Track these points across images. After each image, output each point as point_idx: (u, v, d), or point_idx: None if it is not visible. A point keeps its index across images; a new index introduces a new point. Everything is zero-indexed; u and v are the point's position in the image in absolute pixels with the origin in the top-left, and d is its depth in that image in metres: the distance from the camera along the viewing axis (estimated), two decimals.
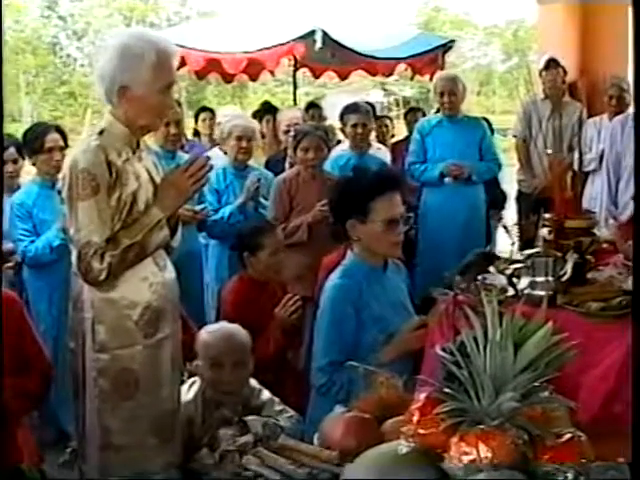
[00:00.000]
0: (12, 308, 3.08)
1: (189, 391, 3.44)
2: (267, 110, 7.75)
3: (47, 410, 4.90)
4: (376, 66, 8.96)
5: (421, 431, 1.78)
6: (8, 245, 5.02)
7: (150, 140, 4.82)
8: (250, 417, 3.18)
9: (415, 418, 1.80)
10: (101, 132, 3.03)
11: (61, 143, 4.86)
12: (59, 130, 4.95)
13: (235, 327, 3.53)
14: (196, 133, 8.22)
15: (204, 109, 8.58)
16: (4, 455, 2.88)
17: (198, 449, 3.13)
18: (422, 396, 1.84)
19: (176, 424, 3.17)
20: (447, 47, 9.10)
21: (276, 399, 3.49)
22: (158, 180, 3.16)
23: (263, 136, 7.02)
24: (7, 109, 39.90)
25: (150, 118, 3.08)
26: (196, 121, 8.22)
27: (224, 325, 3.59)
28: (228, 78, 9.71)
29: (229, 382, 3.41)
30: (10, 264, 4.97)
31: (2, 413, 2.84)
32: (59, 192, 3.08)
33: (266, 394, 3.51)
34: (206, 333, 3.54)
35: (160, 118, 3.18)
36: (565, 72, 7.27)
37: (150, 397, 3.07)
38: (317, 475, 2.08)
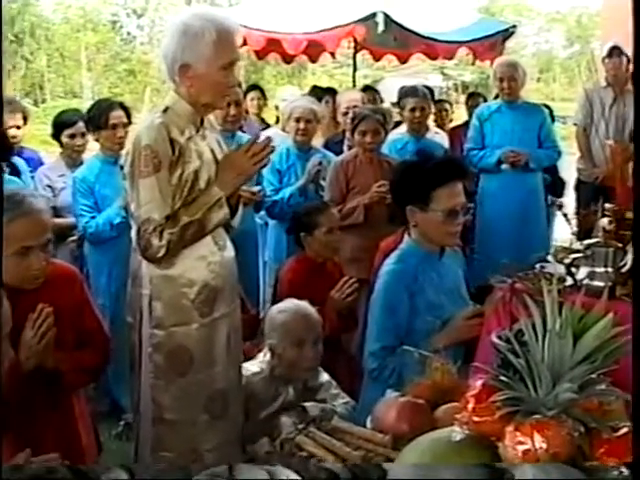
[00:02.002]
0: (72, 282, 3.09)
1: (255, 368, 3.46)
2: (325, 91, 7.72)
3: (102, 382, 4.99)
4: (437, 49, 8.86)
5: (475, 419, 1.76)
6: (70, 219, 5.11)
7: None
8: (309, 403, 3.19)
9: (470, 405, 1.79)
10: (165, 110, 3.06)
11: (125, 120, 4.91)
12: (123, 107, 5.00)
13: (305, 304, 3.54)
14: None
15: (254, 88, 8.57)
16: (60, 428, 2.92)
17: (257, 426, 3.15)
18: (478, 383, 1.83)
19: (230, 403, 3.19)
20: (508, 32, 8.98)
21: (333, 382, 3.51)
22: (220, 158, 3.18)
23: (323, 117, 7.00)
24: (68, 85, 40.45)
25: (213, 96, 3.09)
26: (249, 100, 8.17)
27: (296, 303, 3.58)
28: (288, 59, 9.68)
29: (310, 359, 3.43)
30: (73, 238, 5.09)
31: (59, 384, 2.89)
32: (121, 168, 3.12)
33: (325, 376, 3.53)
34: (280, 313, 3.51)
35: (223, 96, 3.18)
36: (629, 60, 7.13)
37: (203, 375, 3.11)
38: (371, 458, 2.08)
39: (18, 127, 5.47)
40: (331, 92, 7.59)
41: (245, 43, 8.20)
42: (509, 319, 2.63)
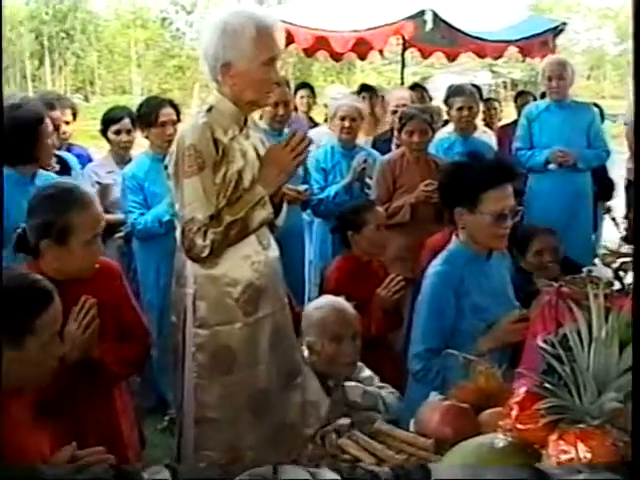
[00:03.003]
0: (113, 276, 3.14)
1: None
2: (367, 89, 7.73)
3: (148, 377, 5.04)
4: (485, 48, 8.80)
5: (519, 426, 1.76)
6: (119, 216, 5.16)
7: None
8: (350, 383, 3.20)
9: (514, 412, 1.78)
10: (209, 109, 3.06)
11: (174, 117, 4.93)
12: (172, 104, 5.02)
13: (341, 300, 3.54)
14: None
15: (303, 85, 8.58)
16: (103, 422, 2.96)
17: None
18: (522, 390, 1.82)
19: (272, 401, 3.18)
20: (558, 30, 8.89)
21: (376, 377, 3.50)
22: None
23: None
24: (118, 81, 40.89)
25: (256, 93, 3.08)
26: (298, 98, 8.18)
27: (330, 299, 3.57)
28: (336, 57, 9.70)
29: (349, 354, 3.42)
30: (121, 234, 5.13)
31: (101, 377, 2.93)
32: (165, 167, 3.13)
33: (367, 371, 3.52)
34: (316, 310, 3.51)
35: (266, 92, 3.15)
36: None
37: (246, 374, 3.11)
38: (412, 462, 2.08)
39: (67, 123, 5.55)
40: (372, 90, 7.59)
41: (293, 41, 8.22)
42: (555, 324, 2.60)
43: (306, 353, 3.44)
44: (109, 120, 5.44)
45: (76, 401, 2.77)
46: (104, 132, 5.46)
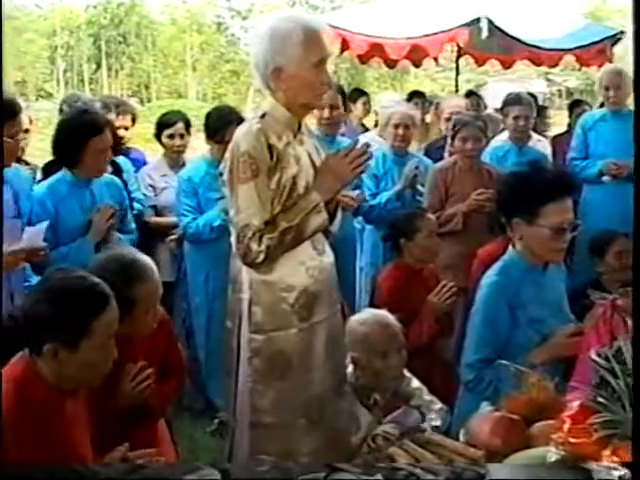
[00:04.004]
0: (164, 325, 3.27)
1: None
2: (418, 96, 7.71)
3: (198, 380, 5.08)
4: (541, 56, 8.71)
5: (572, 440, 1.74)
6: (171, 219, 5.22)
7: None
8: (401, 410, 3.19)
9: (566, 426, 1.76)
10: (263, 115, 3.08)
11: None
12: (241, 121, 4.94)
13: (384, 313, 3.52)
14: None
15: (363, 93, 8.58)
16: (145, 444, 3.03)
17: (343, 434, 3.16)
18: (575, 404, 1.80)
19: (327, 407, 3.18)
20: (616, 38, 8.77)
21: (425, 388, 3.48)
22: (319, 164, 3.17)
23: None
24: (173, 85, 41.32)
25: (308, 95, 3.09)
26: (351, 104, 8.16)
27: (374, 313, 3.56)
28: (390, 63, 9.69)
29: (395, 367, 3.41)
30: (173, 237, 5.19)
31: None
32: (220, 174, 3.16)
33: (415, 382, 3.50)
34: (361, 325, 3.48)
35: (318, 95, 3.15)
36: None
37: (302, 379, 3.11)
38: (462, 474, 2.06)
39: (126, 128, 5.61)
40: (423, 97, 7.56)
41: (348, 47, 8.24)
42: (609, 337, 2.57)
43: (350, 367, 3.44)
44: (163, 124, 5.49)
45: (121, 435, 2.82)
46: (158, 136, 5.51)
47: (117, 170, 4.86)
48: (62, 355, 2.34)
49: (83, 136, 4.14)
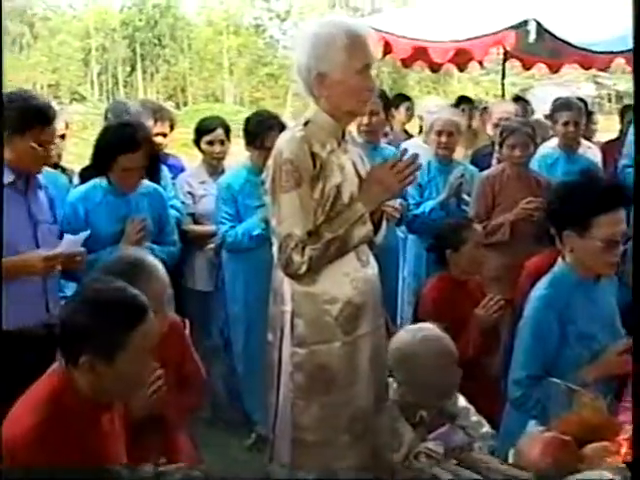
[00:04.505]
0: (177, 332, 3.32)
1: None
2: (466, 101, 7.67)
3: (234, 393, 5.10)
4: (591, 60, 8.63)
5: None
6: (210, 227, 5.24)
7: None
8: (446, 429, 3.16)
9: (623, 450, 1.75)
10: (306, 123, 3.09)
11: None
12: (282, 127, 4.85)
13: (432, 326, 3.49)
14: None
15: (402, 97, 8.57)
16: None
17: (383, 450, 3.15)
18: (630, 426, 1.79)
19: (370, 423, 3.17)
20: None
21: (472, 408, 3.45)
22: (363, 173, 3.18)
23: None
24: (210, 88, 41.52)
25: (352, 102, 3.09)
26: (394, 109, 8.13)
27: (423, 328, 3.51)
28: (434, 67, 9.65)
29: (445, 385, 3.38)
30: (211, 245, 5.22)
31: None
32: (262, 183, 3.17)
33: (462, 401, 3.46)
34: (409, 340, 3.42)
35: (363, 101, 3.16)
36: None
37: (345, 394, 3.11)
38: None
39: (165, 135, 5.65)
40: (471, 103, 7.52)
41: (391, 51, 8.22)
42: None
43: (395, 385, 3.42)
44: (202, 130, 5.50)
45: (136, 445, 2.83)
46: (197, 142, 5.52)
47: (154, 177, 4.88)
48: (98, 367, 2.36)
49: (113, 151, 4.22)
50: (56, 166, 5.05)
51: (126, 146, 4.18)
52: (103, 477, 2.33)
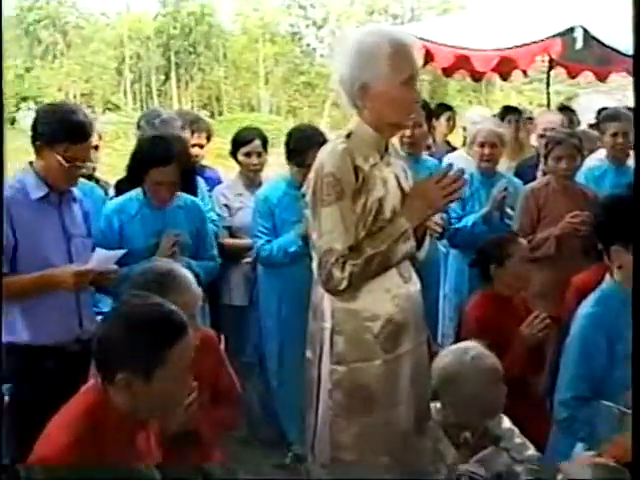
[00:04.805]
0: (210, 345, 3.34)
1: None
2: (512, 111, 7.63)
3: (270, 411, 5.11)
4: None
5: None
6: (246, 241, 5.25)
7: None
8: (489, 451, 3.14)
9: None
10: (348, 135, 3.08)
11: None
12: (324, 143, 4.91)
13: (476, 345, 3.48)
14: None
15: (447, 108, 8.55)
16: None
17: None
18: None
19: (410, 444, 3.16)
20: None
21: (516, 430, 3.43)
22: (406, 187, 3.17)
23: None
24: (245, 97, 41.74)
25: (396, 114, 3.08)
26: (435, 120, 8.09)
27: (470, 349, 3.48)
28: (476, 76, 9.61)
29: (491, 404, 3.37)
30: (247, 260, 5.24)
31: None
32: (303, 196, 3.17)
33: (506, 423, 3.45)
34: (452, 360, 3.43)
35: (407, 114, 3.16)
36: None
37: (386, 414, 3.09)
38: None
39: (201, 146, 5.67)
40: (518, 113, 7.48)
41: (433, 59, 8.20)
42: None
43: (438, 404, 3.41)
44: (239, 141, 5.50)
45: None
46: (234, 153, 5.52)
47: (191, 189, 4.89)
48: (135, 385, 2.36)
49: (145, 164, 4.27)
50: (90, 177, 5.07)
51: (158, 160, 4.22)
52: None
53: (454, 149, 7.80)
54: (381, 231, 3.03)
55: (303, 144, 4.82)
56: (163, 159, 4.22)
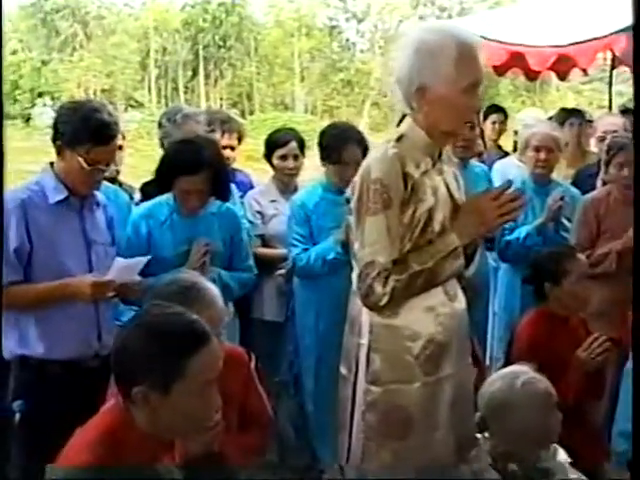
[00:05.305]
0: (240, 364, 3.34)
1: None
2: (572, 113, 7.58)
3: (303, 431, 5.11)
4: None
5: None
6: (280, 251, 5.25)
7: None
8: None
9: None
10: (399, 138, 3.07)
11: (359, 157, 4.80)
12: (361, 141, 4.91)
13: (527, 370, 3.46)
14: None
15: (496, 109, 8.51)
16: None
17: None
18: None
19: (447, 473, 3.16)
20: None
21: (570, 464, 3.41)
22: (457, 196, 3.17)
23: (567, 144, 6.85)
24: (278, 95, 41.85)
25: (453, 122, 3.09)
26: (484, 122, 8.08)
27: (522, 373, 3.47)
28: (531, 75, 9.55)
29: (543, 433, 3.36)
30: (281, 271, 5.17)
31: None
32: (347, 201, 3.17)
33: (562, 455, 3.43)
34: (501, 386, 3.39)
35: (465, 122, 3.20)
36: None
37: (422, 440, 3.09)
38: None
39: (233, 148, 5.67)
40: (578, 114, 7.44)
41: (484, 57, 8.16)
42: None
43: (485, 434, 3.40)
44: (274, 143, 5.50)
45: None
46: (268, 156, 5.52)
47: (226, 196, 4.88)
48: (153, 399, 2.34)
49: (173, 171, 4.26)
50: (113, 181, 5.10)
51: (186, 167, 4.21)
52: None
53: (505, 154, 7.76)
54: (428, 245, 3.02)
55: (338, 140, 4.84)
56: (191, 167, 4.20)
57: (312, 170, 5.35)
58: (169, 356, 2.34)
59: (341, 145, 4.79)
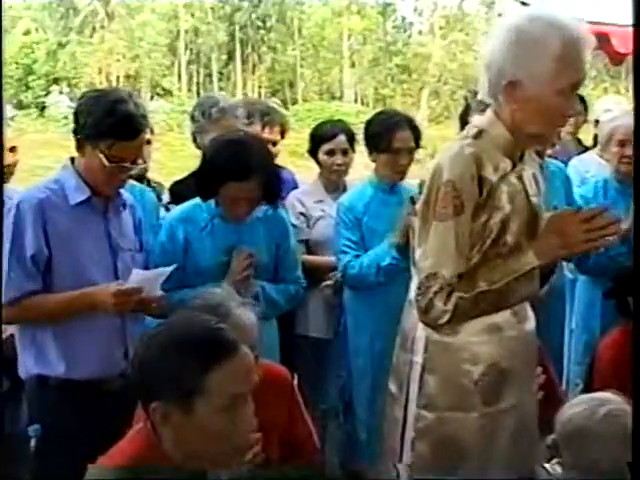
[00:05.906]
0: (282, 386, 3.36)
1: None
2: None
3: (354, 468, 5.11)
4: None
5: None
6: (326, 258, 5.22)
7: None
8: None
9: None
10: (477, 135, 3.05)
11: (412, 143, 4.91)
12: (412, 126, 4.97)
13: (611, 397, 3.45)
14: None
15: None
16: None
17: None
18: None
19: None
20: None
21: None
22: (535, 201, 3.13)
23: None
24: (325, 82, 41.86)
25: (542, 125, 3.04)
26: None
27: (606, 401, 3.44)
28: (615, 58, 9.49)
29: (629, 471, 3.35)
30: (328, 282, 5.16)
31: None
32: (412, 200, 3.15)
33: None
34: (581, 416, 3.39)
35: (555, 127, 3.18)
36: None
37: (475, 476, 3.08)
38: None
39: (274, 143, 5.65)
40: None
41: None
42: None
43: (558, 469, 3.40)
44: (321, 137, 5.48)
45: None
46: (313, 152, 5.50)
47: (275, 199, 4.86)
48: (174, 417, 2.33)
49: (218, 177, 4.17)
50: (141, 179, 5.11)
51: (236, 173, 4.14)
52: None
53: (586, 149, 7.70)
54: (500, 261, 2.98)
55: (386, 126, 4.88)
56: (242, 173, 4.14)
57: (363, 167, 5.34)
58: (186, 367, 2.32)
59: (391, 130, 4.82)
